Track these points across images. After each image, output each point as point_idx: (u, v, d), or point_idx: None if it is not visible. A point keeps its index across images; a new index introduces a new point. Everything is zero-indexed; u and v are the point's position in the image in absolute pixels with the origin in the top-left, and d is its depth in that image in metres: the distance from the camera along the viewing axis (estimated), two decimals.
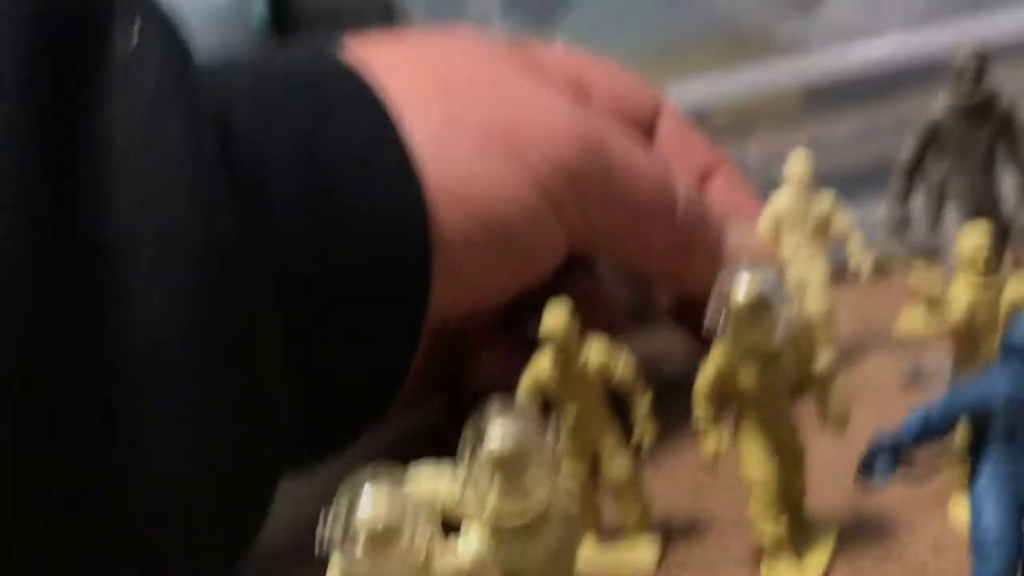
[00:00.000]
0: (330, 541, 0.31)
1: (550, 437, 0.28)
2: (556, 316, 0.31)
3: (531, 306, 0.33)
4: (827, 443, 0.40)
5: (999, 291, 0.33)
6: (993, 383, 0.30)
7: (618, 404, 0.35)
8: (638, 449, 0.37)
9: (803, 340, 0.34)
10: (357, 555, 0.29)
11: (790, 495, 0.39)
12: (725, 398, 0.33)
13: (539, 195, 0.33)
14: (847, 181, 0.50)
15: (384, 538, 0.30)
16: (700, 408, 0.32)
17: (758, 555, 0.42)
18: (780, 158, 0.46)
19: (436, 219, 0.31)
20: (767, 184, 0.47)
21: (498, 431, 0.29)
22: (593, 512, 0.38)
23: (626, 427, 0.36)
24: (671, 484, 0.47)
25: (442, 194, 0.31)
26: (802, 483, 0.38)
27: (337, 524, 0.30)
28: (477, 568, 0.31)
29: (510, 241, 0.33)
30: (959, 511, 0.41)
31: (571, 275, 0.42)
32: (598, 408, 0.36)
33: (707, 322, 0.33)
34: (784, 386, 0.34)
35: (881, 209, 0.63)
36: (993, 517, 0.30)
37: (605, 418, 0.37)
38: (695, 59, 0.70)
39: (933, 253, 0.50)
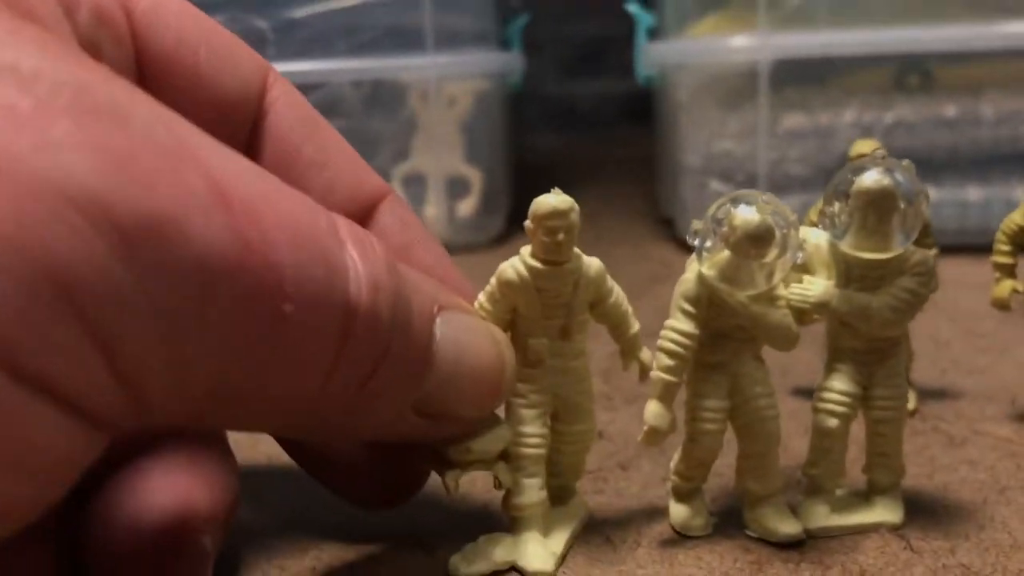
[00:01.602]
0: (699, 236, 0.39)
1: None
2: None
3: None
4: None
5: None
6: None
7: None
8: None
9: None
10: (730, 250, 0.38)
11: None
12: None
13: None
14: None
15: (760, 239, 0.38)
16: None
17: (1016, 418, 0.51)
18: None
19: None
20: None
21: (873, 175, 0.39)
22: None
23: None
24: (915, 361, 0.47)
25: None
26: None
27: (708, 224, 0.39)
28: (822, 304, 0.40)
29: None
30: None
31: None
32: None
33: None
34: None
35: None
36: None
37: None
38: None
39: None
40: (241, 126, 0.39)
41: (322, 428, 0.32)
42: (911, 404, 0.53)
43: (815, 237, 0.41)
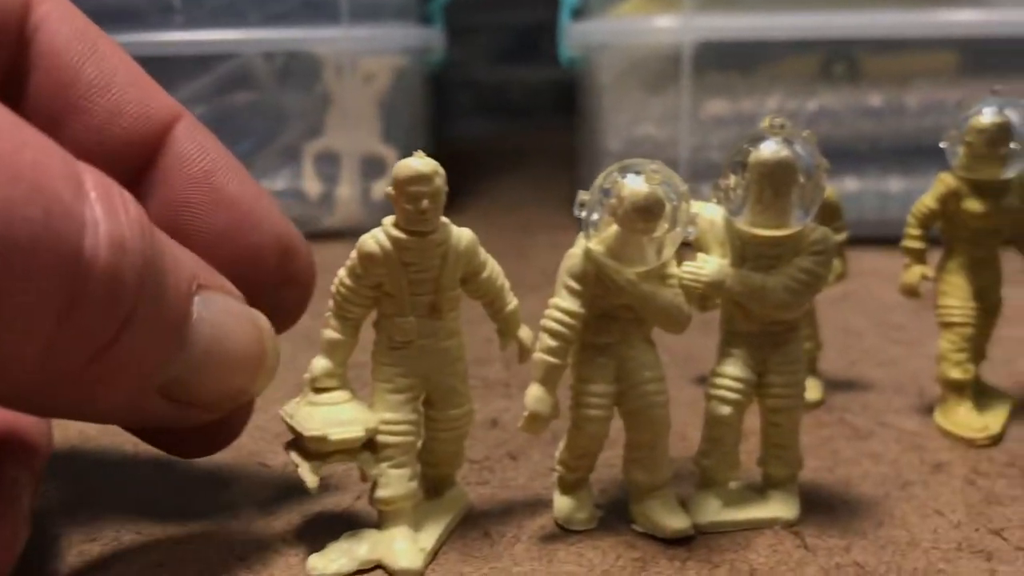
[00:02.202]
0: (586, 208, 0.36)
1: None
2: None
3: None
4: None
5: None
6: None
7: None
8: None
9: None
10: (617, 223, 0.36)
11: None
12: None
13: None
14: None
15: (648, 211, 0.35)
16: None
17: (922, 410, 0.49)
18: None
19: None
20: None
21: (771, 145, 0.36)
22: None
23: None
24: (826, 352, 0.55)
25: None
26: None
27: (594, 196, 0.36)
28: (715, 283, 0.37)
29: None
30: None
31: None
32: None
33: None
34: None
35: None
36: None
37: None
38: None
39: None
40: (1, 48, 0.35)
41: (54, 403, 0.29)
42: (817, 395, 0.51)
43: (710, 212, 0.39)
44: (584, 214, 0.36)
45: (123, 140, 0.31)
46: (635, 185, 0.35)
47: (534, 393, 0.37)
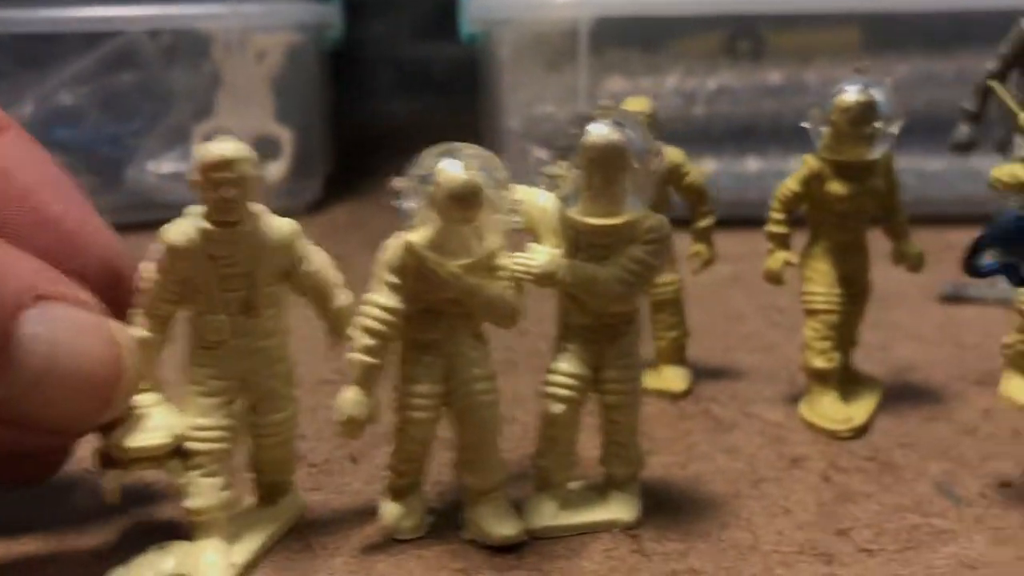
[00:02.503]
0: (403, 197, 0.34)
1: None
2: None
3: None
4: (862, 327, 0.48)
5: None
6: None
7: None
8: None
9: None
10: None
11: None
12: None
13: None
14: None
15: (465, 199, 0.32)
16: None
17: (792, 399, 0.48)
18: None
19: None
20: None
21: (601, 128, 0.34)
22: None
23: None
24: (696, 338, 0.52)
25: None
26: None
27: (411, 183, 0.33)
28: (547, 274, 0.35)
29: None
30: (1011, 387, 0.41)
31: None
32: None
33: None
34: None
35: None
36: None
37: None
38: None
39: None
40: None
41: None
42: (682, 385, 0.49)
43: (542, 200, 0.36)
44: (401, 203, 0.34)
45: None
46: (451, 171, 0.33)
47: (349, 396, 0.35)
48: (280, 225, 0.35)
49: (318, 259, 0.36)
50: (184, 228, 0.34)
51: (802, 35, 0.86)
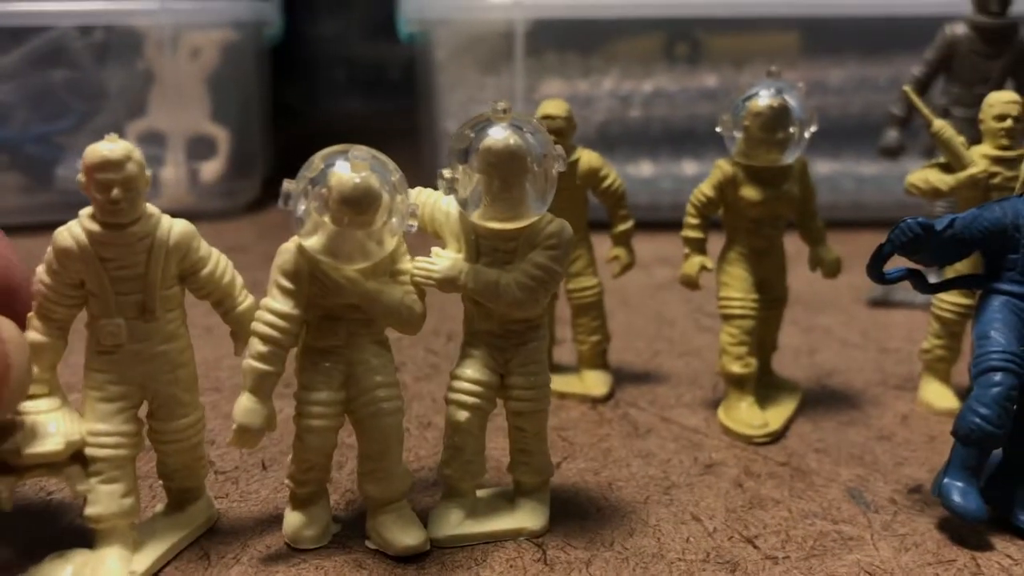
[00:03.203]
0: (292, 200, 0.33)
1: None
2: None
3: None
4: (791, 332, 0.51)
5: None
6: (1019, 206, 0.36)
7: None
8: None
9: None
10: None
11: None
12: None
13: None
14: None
15: (358, 203, 0.32)
16: None
17: (712, 404, 0.48)
18: None
19: None
20: None
21: (499, 132, 0.34)
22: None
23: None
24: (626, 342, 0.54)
25: None
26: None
27: (303, 186, 0.32)
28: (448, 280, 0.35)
29: None
30: (928, 393, 0.40)
31: None
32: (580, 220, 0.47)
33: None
34: None
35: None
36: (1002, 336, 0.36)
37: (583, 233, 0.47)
38: None
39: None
40: None
41: None
42: (603, 389, 0.49)
43: (445, 203, 0.36)
44: (293, 206, 0.33)
45: None
46: (343, 174, 0.32)
47: (244, 404, 0.34)
48: (174, 226, 0.34)
49: (217, 261, 0.35)
50: (73, 230, 0.33)
51: (739, 39, 0.86)
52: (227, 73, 0.90)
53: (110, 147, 0.32)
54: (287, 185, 0.33)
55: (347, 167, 0.32)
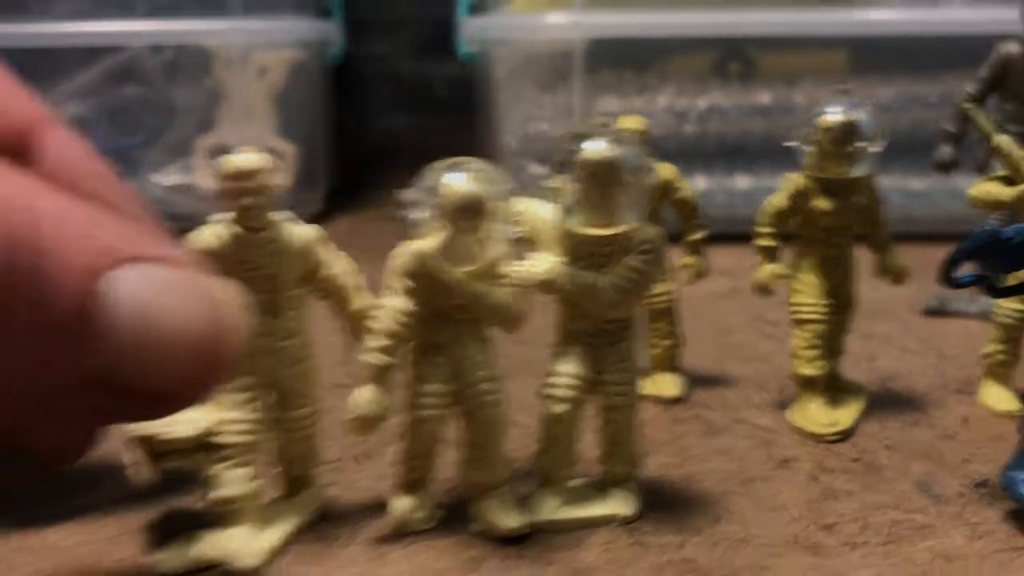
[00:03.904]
0: (412, 207, 0.35)
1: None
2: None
3: None
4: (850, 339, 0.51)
5: None
6: None
7: None
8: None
9: None
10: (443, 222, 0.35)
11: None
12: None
13: None
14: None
15: (469, 210, 0.34)
16: None
17: (781, 406, 0.50)
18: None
19: None
20: None
21: (596, 145, 0.36)
22: None
23: None
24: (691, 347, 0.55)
25: None
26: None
27: (419, 195, 0.35)
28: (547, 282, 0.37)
29: None
30: (989, 396, 0.43)
31: None
32: None
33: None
34: None
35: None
36: None
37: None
38: None
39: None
40: None
41: None
42: (675, 391, 0.51)
43: (543, 211, 0.39)
44: (410, 213, 0.36)
45: None
46: (456, 184, 0.35)
47: (363, 395, 0.37)
48: (301, 232, 0.37)
49: (339, 264, 0.38)
50: (216, 231, 0.36)
51: (790, 57, 0.88)
52: (293, 91, 0.94)
53: (243, 159, 0.35)
54: (407, 194, 0.36)
55: (460, 177, 0.35)
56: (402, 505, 0.39)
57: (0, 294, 0.25)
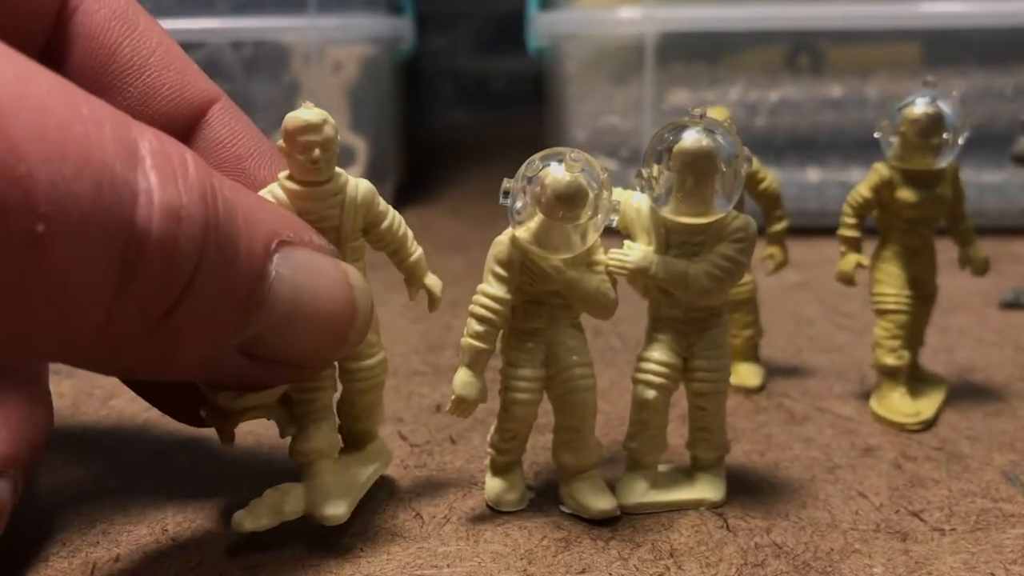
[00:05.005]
0: (510, 196, 0.37)
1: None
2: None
3: None
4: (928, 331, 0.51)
5: None
6: None
7: None
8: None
9: None
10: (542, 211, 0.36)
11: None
12: None
13: None
14: None
15: (570, 200, 0.35)
16: None
17: (862, 396, 0.50)
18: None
19: None
20: None
21: (692, 135, 0.37)
22: None
23: None
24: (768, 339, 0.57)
25: None
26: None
27: (519, 184, 0.36)
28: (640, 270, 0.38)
29: None
30: None
31: None
32: None
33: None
34: None
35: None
36: None
37: None
38: None
39: None
40: (37, 25, 0.35)
41: (124, 365, 0.29)
42: (757, 381, 0.52)
43: (636, 200, 0.40)
44: (508, 202, 0.37)
45: (155, 123, 0.30)
46: (557, 173, 0.36)
47: (461, 377, 0.38)
48: (359, 184, 0.38)
49: (394, 216, 0.39)
50: (274, 190, 0.36)
51: (861, 50, 0.88)
52: (365, 86, 0.96)
53: (310, 113, 0.36)
54: (506, 183, 0.37)
55: (560, 167, 0.36)
56: (496, 486, 0.40)
57: (193, 268, 0.27)
